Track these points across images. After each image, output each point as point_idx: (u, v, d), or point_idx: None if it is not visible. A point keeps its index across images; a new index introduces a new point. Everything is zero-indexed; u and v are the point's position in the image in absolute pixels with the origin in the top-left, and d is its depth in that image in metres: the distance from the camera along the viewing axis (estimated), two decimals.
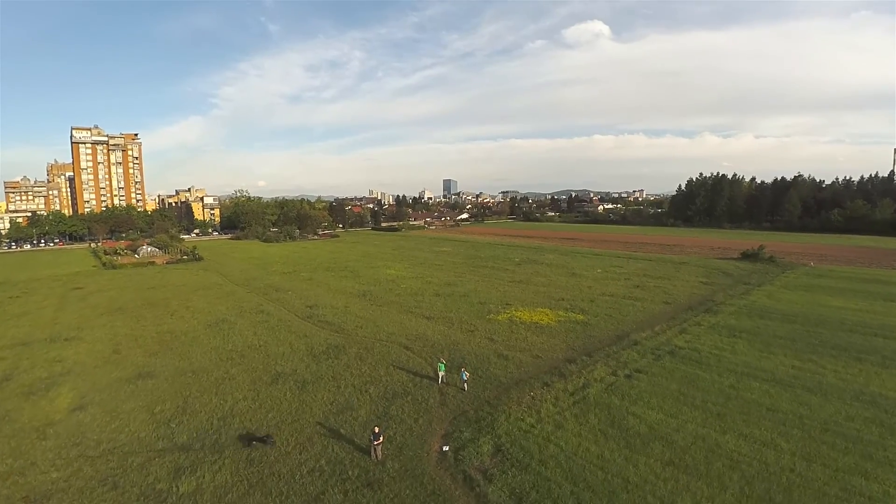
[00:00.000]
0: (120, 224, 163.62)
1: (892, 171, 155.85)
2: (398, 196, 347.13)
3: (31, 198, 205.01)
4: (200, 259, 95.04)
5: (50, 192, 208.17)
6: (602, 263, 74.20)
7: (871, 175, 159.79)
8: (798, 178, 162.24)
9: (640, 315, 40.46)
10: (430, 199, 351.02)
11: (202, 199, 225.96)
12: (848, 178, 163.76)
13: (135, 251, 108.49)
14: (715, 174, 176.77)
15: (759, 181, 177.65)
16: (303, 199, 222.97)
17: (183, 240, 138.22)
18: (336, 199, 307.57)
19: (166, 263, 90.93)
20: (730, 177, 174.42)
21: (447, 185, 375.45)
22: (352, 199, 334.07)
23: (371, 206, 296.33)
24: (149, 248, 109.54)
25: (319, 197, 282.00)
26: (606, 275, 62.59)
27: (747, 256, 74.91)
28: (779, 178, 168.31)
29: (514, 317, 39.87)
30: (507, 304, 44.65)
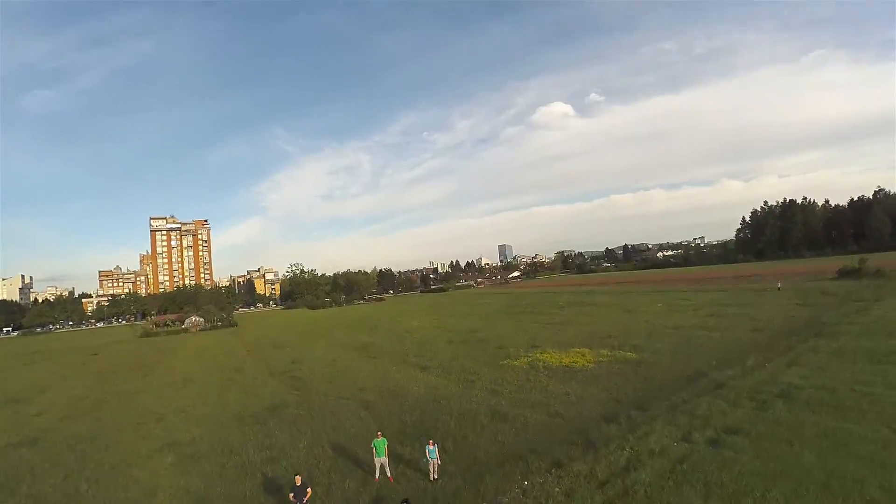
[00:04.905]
0: (186, 301, 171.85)
1: None
2: (453, 262, 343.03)
3: (121, 284, 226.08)
4: (234, 325, 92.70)
5: (138, 279, 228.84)
6: (664, 298, 59.68)
7: None
8: (879, 193, 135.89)
9: (720, 347, 27.27)
10: (487, 264, 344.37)
11: (264, 276, 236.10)
12: None
13: (182, 322, 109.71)
14: (783, 201, 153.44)
15: (833, 205, 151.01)
16: (359, 271, 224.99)
17: (232, 310, 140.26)
18: (399, 272, 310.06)
19: (199, 330, 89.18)
20: (799, 202, 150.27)
21: (502, 250, 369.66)
22: (410, 271, 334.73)
23: (425, 272, 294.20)
24: (194, 319, 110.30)
25: (375, 267, 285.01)
26: (670, 308, 48.62)
27: (847, 274, 59.12)
28: (855, 197, 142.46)
29: (538, 360, 28.39)
30: (533, 347, 33.15)
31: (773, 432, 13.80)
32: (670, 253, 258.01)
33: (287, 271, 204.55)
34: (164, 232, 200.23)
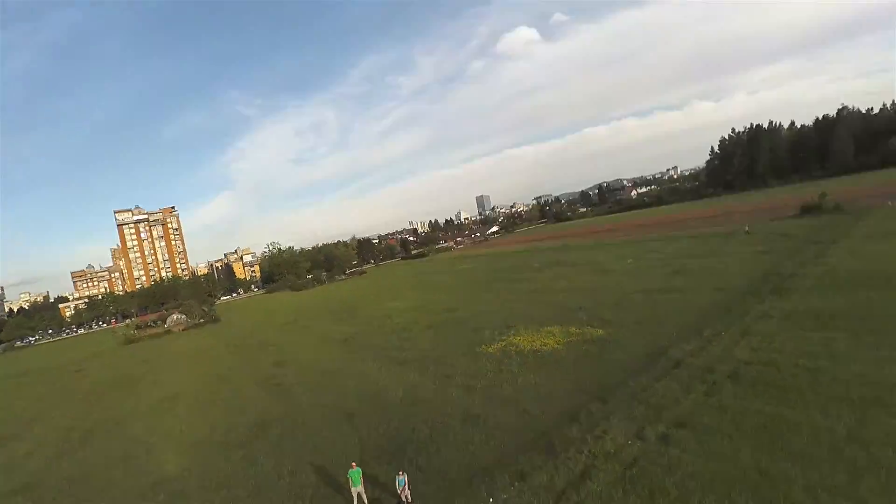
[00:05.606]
0: (165, 295, 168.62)
1: None
2: (432, 221, 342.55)
3: (96, 283, 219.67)
4: (217, 321, 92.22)
5: (112, 276, 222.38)
6: (634, 251, 61.78)
7: None
8: (843, 111, 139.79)
9: (683, 315, 28.65)
10: (466, 219, 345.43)
11: (241, 258, 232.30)
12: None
13: (164, 321, 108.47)
14: (749, 126, 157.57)
15: (798, 125, 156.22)
16: (338, 242, 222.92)
17: (214, 302, 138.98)
18: (379, 237, 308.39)
19: (183, 330, 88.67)
20: (766, 126, 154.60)
21: (480, 201, 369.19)
22: (391, 234, 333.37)
23: (405, 235, 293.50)
24: (176, 317, 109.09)
25: (354, 236, 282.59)
26: (639, 264, 50.50)
27: (808, 211, 62.85)
28: (820, 116, 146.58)
29: (511, 344, 29.45)
30: (508, 327, 34.21)
31: (718, 425, 14.94)
32: (644, 190, 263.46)
33: (265, 250, 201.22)
34: (132, 225, 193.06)
